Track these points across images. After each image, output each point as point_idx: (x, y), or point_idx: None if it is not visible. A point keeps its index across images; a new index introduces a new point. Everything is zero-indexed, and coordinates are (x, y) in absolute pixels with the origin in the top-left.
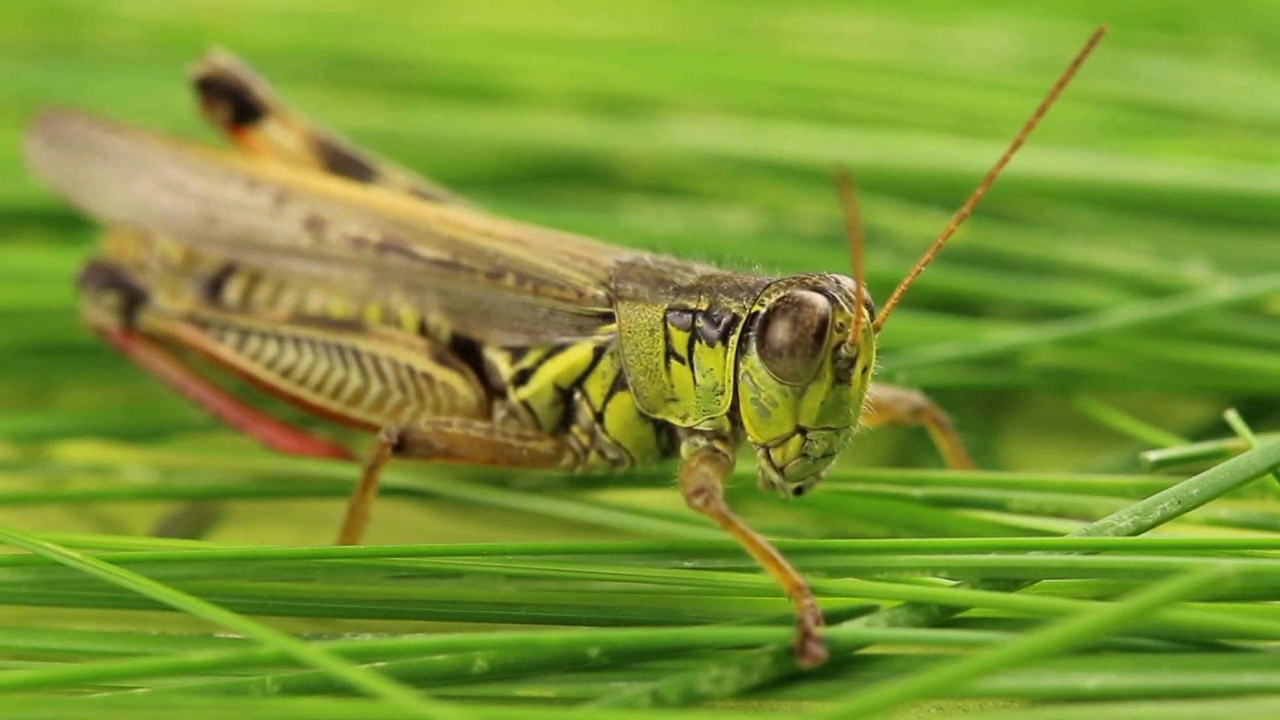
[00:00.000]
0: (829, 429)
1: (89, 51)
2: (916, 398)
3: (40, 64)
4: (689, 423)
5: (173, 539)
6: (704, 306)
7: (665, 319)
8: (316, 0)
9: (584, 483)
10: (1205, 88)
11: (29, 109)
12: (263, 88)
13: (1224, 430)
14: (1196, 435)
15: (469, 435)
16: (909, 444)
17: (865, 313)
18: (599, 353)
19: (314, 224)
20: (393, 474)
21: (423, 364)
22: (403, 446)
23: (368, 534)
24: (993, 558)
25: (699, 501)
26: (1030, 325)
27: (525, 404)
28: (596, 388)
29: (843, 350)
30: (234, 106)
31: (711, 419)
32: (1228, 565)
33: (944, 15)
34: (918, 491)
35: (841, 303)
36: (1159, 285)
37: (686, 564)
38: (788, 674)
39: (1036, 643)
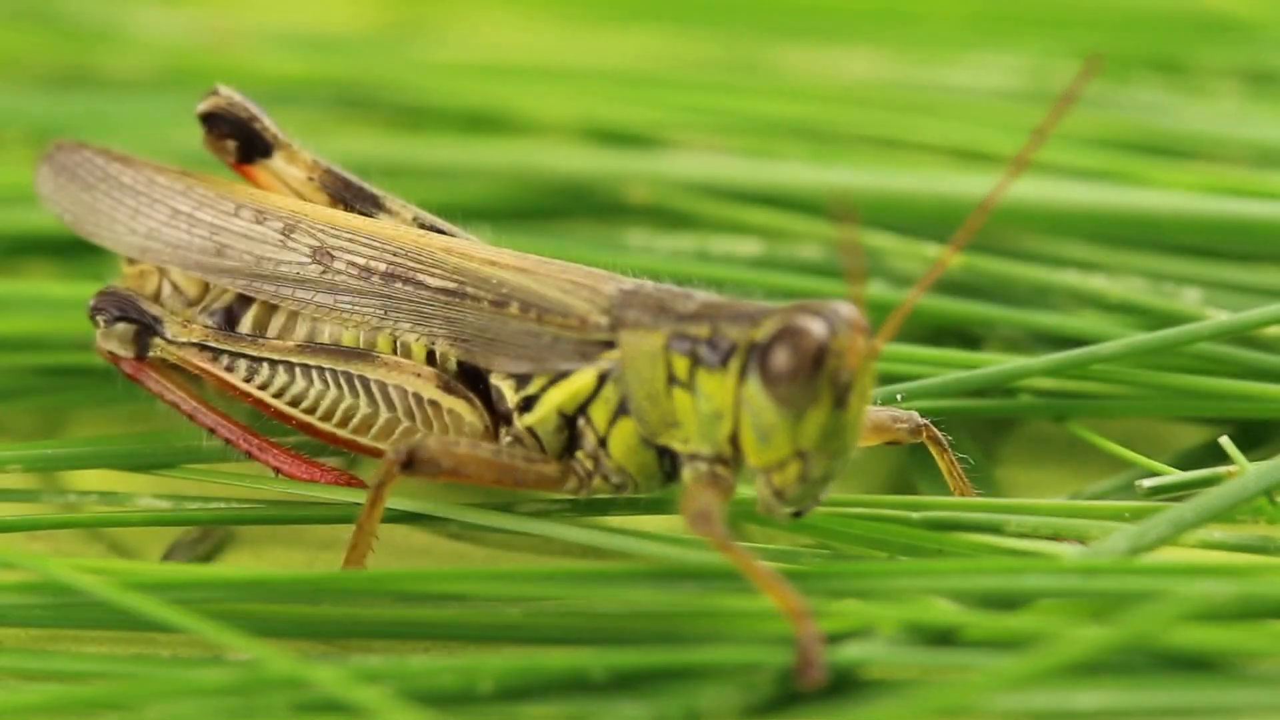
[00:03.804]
0: (827, 453)
1: (100, 79)
2: (915, 417)
3: (52, 94)
4: (690, 448)
5: (184, 563)
6: (705, 333)
7: (667, 346)
8: (324, 29)
9: (588, 507)
10: (1200, 120)
11: (41, 140)
12: (269, 122)
13: (1219, 455)
14: (1191, 461)
15: (476, 455)
16: (907, 466)
17: (864, 339)
18: (602, 379)
19: (322, 254)
20: (402, 499)
21: (430, 392)
22: (411, 464)
23: (377, 555)
24: (990, 580)
25: (700, 525)
26: (1027, 353)
27: (530, 430)
28: (600, 414)
29: (841, 376)
30: (240, 141)
31: (712, 444)
32: (1221, 587)
33: (943, 54)
34: (916, 515)
35: (840, 329)
36: (1154, 313)
37: (689, 586)
38: (788, 695)
39: (1033, 663)
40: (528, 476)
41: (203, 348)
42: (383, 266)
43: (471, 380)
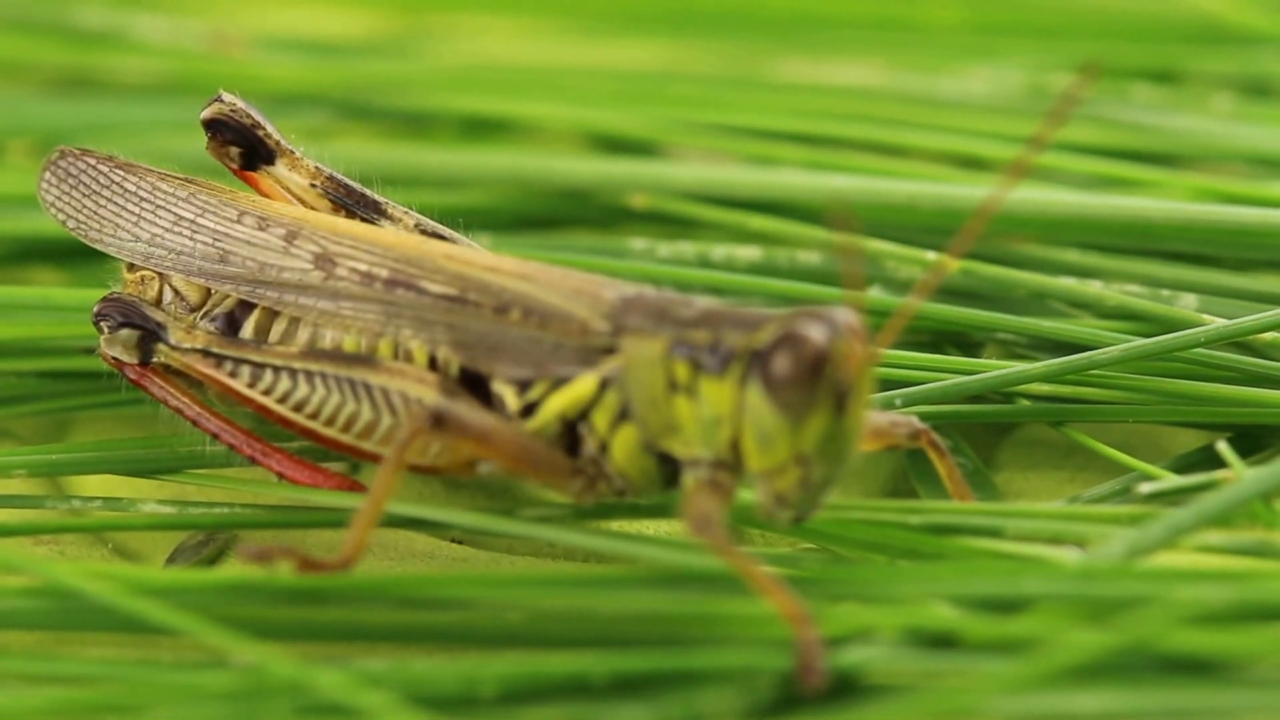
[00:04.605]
0: (828, 458)
1: (104, 85)
2: (914, 421)
3: (56, 100)
4: (691, 453)
5: (187, 567)
6: (706, 340)
7: (668, 352)
8: (327, 36)
9: (590, 511)
10: (1196, 128)
11: (45, 146)
12: (272, 129)
13: (1216, 460)
14: (1189, 465)
15: (501, 428)
16: (906, 471)
17: (863, 345)
18: (604, 385)
19: (324, 261)
20: (404, 503)
21: (432, 397)
22: (440, 422)
23: (380, 559)
24: (989, 584)
25: (701, 530)
26: (1025, 359)
27: (532, 436)
28: (601, 419)
29: (841, 382)
30: (243, 148)
31: (713, 449)
32: (1219, 591)
33: (941, 63)
34: (915, 519)
35: (840, 335)
36: (1152, 319)
37: (690, 590)
38: (789, 698)
39: (1033, 667)
40: (543, 463)
41: (206, 353)
42: (385, 273)
43: (473, 386)
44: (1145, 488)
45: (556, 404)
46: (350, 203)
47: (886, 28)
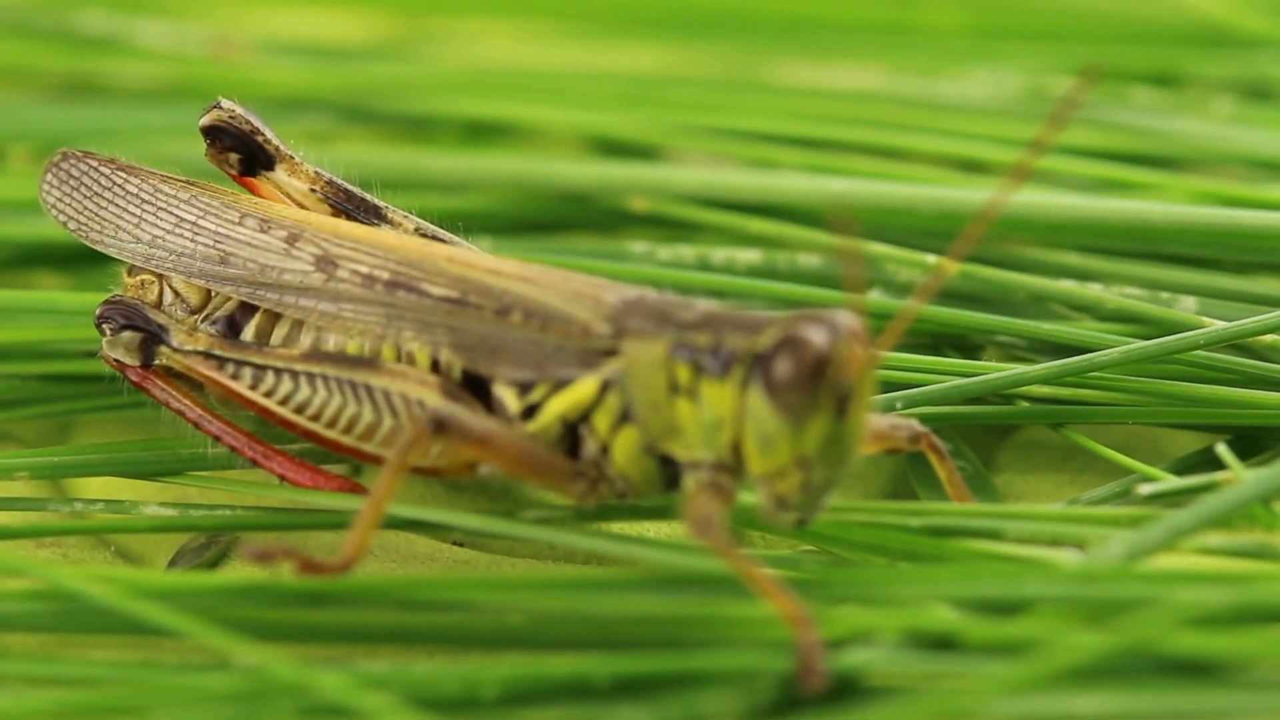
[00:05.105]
0: (829, 461)
1: (106, 90)
2: (915, 425)
3: (57, 104)
4: (692, 455)
5: (189, 569)
6: (707, 342)
7: (669, 354)
8: (327, 41)
9: (591, 514)
10: (1195, 131)
11: (47, 149)
12: (271, 135)
13: (1215, 462)
14: (1188, 467)
15: (503, 431)
16: (907, 473)
17: (864, 348)
18: (605, 387)
19: (325, 263)
20: (405, 505)
21: (433, 399)
22: (442, 428)
23: (381, 561)
24: (989, 586)
25: (702, 532)
26: (1025, 361)
27: (533, 438)
28: (602, 422)
29: (842, 385)
30: (243, 154)
31: (715, 452)
32: (1218, 593)
33: (942, 66)
34: (915, 521)
35: (841, 339)
36: (1151, 322)
37: (691, 592)
38: (789, 700)
39: (1032, 669)
40: (544, 466)
41: (208, 356)
42: (386, 275)
43: (475, 388)
44: (1145, 489)
45: (557, 406)
46: (350, 207)
47: (886, 31)
